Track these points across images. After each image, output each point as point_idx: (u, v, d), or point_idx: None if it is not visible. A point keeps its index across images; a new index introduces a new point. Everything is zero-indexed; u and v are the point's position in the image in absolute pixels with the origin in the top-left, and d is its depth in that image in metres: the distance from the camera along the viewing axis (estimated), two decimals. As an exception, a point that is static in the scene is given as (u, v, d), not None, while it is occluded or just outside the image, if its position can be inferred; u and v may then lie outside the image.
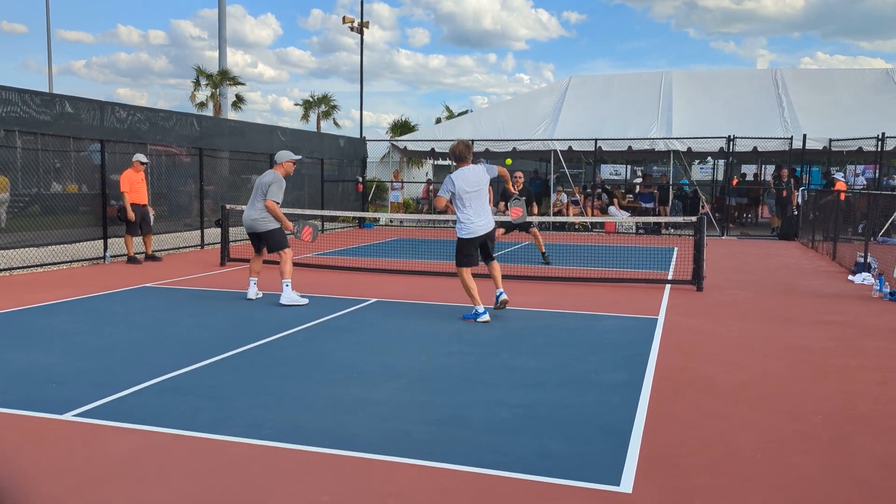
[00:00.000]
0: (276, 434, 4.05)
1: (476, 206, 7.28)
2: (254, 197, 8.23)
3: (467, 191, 7.23)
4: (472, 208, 7.26)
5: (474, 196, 7.26)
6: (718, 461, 3.78)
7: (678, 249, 14.74)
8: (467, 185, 7.24)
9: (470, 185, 7.24)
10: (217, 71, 33.64)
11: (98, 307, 7.96)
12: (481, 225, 7.31)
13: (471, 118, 26.13)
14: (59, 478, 3.47)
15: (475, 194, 7.26)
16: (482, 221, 7.31)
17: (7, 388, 4.84)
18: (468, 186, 7.23)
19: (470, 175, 7.28)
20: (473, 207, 7.26)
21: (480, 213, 7.30)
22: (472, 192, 7.25)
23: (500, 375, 5.35)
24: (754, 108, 21.16)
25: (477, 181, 7.28)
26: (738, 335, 6.95)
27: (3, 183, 11.43)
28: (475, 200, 7.27)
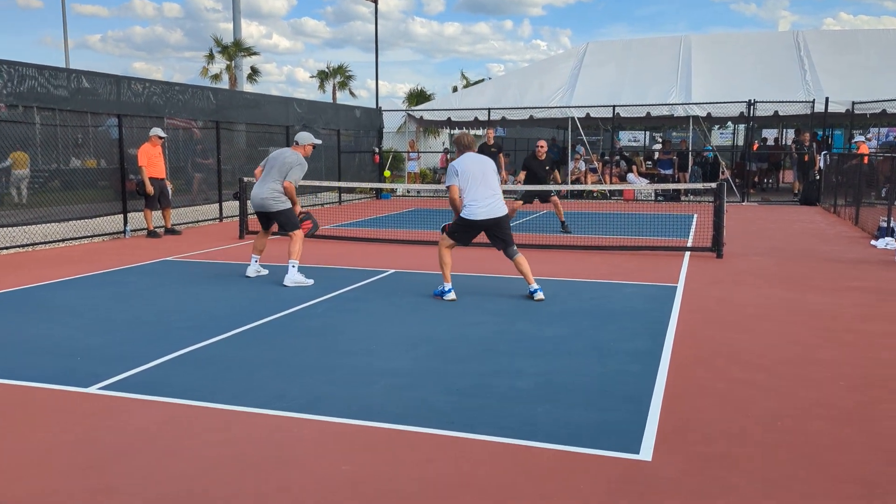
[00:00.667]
0: (297, 405, 4.09)
1: (480, 189, 6.86)
2: (266, 175, 7.83)
3: (472, 172, 6.88)
4: (476, 191, 6.85)
5: (479, 179, 6.88)
6: (739, 428, 3.77)
7: (698, 216, 14.62)
8: (473, 166, 6.91)
9: (476, 167, 6.92)
10: (232, 42, 33.53)
11: (119, 281, 8.05)
12: (484, 210, 6.85)
13: (487, 86, 25.91)
14: (86, 450, 3.54)
15: (480, 176, 6.89)
16: (486, 206, 6.85)
17: (33, 362, 4.92)
18: (474, 168, 6.90)
19: (474, 159, 7.00)
20: (477, 191, 6.85)
21: (484, 197, 6.85)
22: (478, 175, 6.88)
23: (519, 345, 5.36)
24: (775, 72, 20.78)
25: (483, 165, 6.96)
26: (759, 302, 6.90)
27: (23, 159, 11.52)
28: (479, 183, 6.87)
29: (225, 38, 34.81)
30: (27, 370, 4.74)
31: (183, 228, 12.97)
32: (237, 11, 33.74)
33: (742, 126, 24.41)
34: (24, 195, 11.78)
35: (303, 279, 7.77)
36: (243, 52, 34.47)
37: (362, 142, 21.59)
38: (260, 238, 8.25)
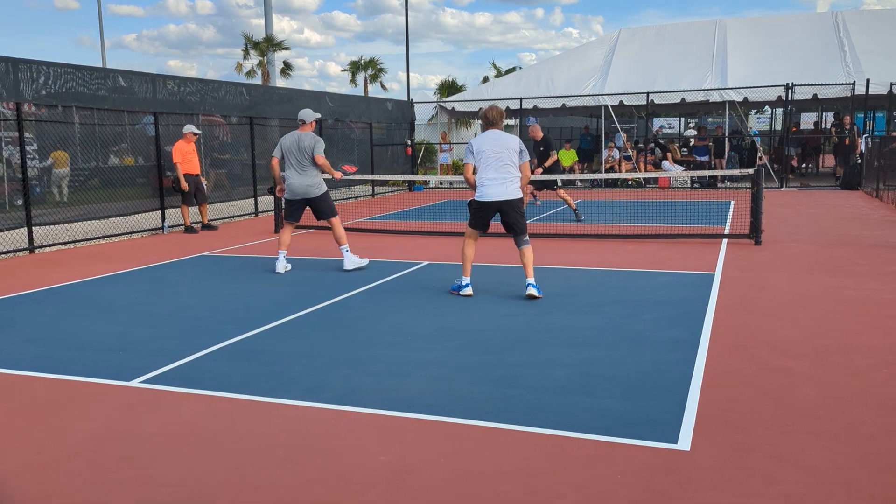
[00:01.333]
0: (334, 397, 4.13)
1: (492, 170, 6.58)
2: (298, 163, 7.96)
3: (485, 152, 6.60)
4: (488, 172, 6.59)
5: (494, 159, 6.58)
6: (779, 417, 3.71)
7: (735, 203, 14.39)
8: (487, 146, 6.60)
9: (490, 146, 6.60)
10: (263, 38, 33.80)
11: (159, 276, 8.19)
12: (495, 190, 6.59)
13: (518, 76, 25.77)
14: (129, 442, 3.61)
15: (495, 157, 6.58)
16: (497, 187, 6.58)
17: (77, 357, 5.03)
18: (487, 148, 6.60)
19: (492, 138, 6.66)
20: (489, 171, 6.58)
21: (496, 179, 6.57)
22: (492, 155, 6.58)
23: (553, 335, 5.34)
24: (814, 54, 20.33)
25: (500, 145, 6.60)
26: (799, 289, 6.78)
27: (63, 158, 11.77)
28: (493, 164, 6.58)
29: (257, 34, 35.22)
30: (71, 364, 4.85)
31: (219, 223, 13.14)
32: (268, 7, 34.00)
33: (780, 110, 23.92)
34: (66, 193, 12.04)
35: (359, 260, 8.09)
36: (275, 48, 34.74)
37: (394, 134, 21.63)
38: (285, 232, 8.33)
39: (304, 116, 8.10)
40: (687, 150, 22.46)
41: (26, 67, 10.13)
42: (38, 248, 10.16)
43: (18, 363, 4.89)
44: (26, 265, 9.06)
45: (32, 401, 4.21)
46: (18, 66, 9.99)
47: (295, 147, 7.97)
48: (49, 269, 8.72)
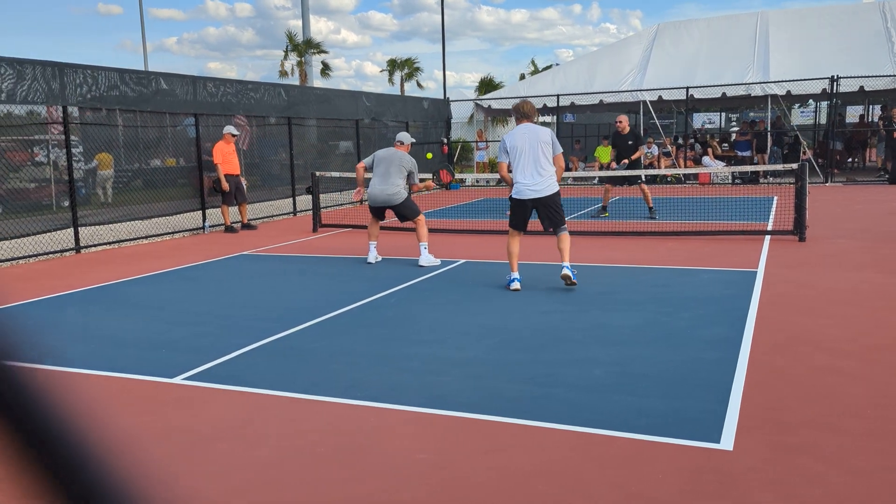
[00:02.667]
0: (372, 394, 4.15)
1: (527, 168, 6.60)
2: (386, 173, 8.46)
3: (518, 147, 6.61)
4: (522, 170, 6.61)
5: (528, 156, 6.59)
6: (826, 417, 3.62)
7: (778, 199, 14.11)
8: (520, 141, 6.62)
9: (523, 141, 6.61)
10: (302, 40, 34.14)
11: (200, 276, 8.32)
12: (529, 189, 6.63)
13: (555, 72, 25.60)
14: (172, 437, 3.67)
15: (529, 153, 6.59)
16: (531, 185, 6.62)
17: (121, 354, 5.14)
18: (521, 143, 6.61)
19: (525, 132, 6.66)
20: (524, 170, 6.60)
21: (531, 177, 6.61)
22: (526, 151, 6.59)
23: (592, 333, 5.29)
24: (860, 45, 19.81)
25: (533, 139, 6.61)
26: (846, 287, 6.61)
27: (107, 160, 12.02)
28: (527, 161, 6.60)
29: (295, 35, 35.48)
30: (116, 361, 4.95)
31: (258, 223, 13.30)
32: (306, 9, 34.33)
33: (824, 104, 23.37)
34: (110, 195, 12.30)
35: (433, 259, 8.44)
36: (314, 50, 35.07)
37: (431, 133, 21.66)
38: (373, 225, 8.80)
39: (403, 139, 8.84)
40: (728, 146, 22.08)
41: (71, 72, 10.36)
42: (83, 248, 10.40)
43: (66, 361, 5.01)
44: (73, 265, 9.28)
45: (79, 398, 4.30)
46: (64, 71, 10.23)
47: (391, 160, 8.55)
48: (94, 268, 8.92)
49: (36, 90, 9.77)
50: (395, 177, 8.47)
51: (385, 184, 8.48)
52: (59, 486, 0.48)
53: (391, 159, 8.55)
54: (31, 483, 0.47)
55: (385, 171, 8.50)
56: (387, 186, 8.47)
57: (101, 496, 0.49)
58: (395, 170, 8.49)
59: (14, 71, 9.43)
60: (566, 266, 6.72)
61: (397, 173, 8.49)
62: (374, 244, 8.73)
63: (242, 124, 13.80)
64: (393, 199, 8.48)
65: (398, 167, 8.50)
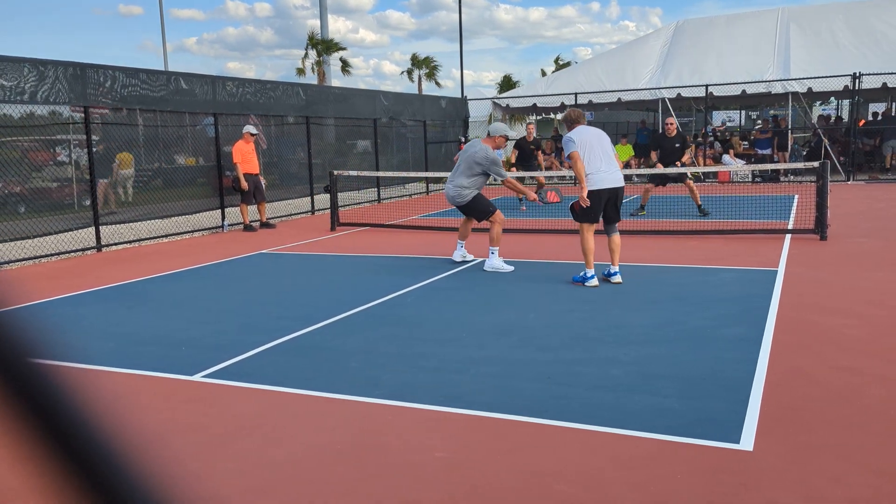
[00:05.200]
0: (390, 392, 4.15)
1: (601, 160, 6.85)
2: (457, 168, 8.03)
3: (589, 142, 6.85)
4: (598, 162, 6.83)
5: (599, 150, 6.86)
6: (848, 417, 3.58)
7: (799, 197, 13.96)
8: (587, 136, 6.89)
9: (589, 136, 6.90)
10: (320, 40, 34.27)
11: (220, 274, 8.37)
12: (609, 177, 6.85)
13: (573, 70, 25.51)
14: (192, 435, 3.70)
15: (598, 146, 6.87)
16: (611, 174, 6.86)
17: (142, 351, 5.18)
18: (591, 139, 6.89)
19: (589, 131, 7.00)
20: (600, 162, 6.84)
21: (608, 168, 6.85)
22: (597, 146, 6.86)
23: (611, 332, 5.27)
24: (883, 41, 19.55)
25: (598, 136, 6.96)
26: (868, 286, 6.53)
27: (128, 159, 12.13)
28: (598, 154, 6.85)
29: (316, 34, 35.61)
30: (137, 359, 4.99)
31: (277, 222, 13.37)
32: (324, 8, 34.43)
33: (846, 101, 23.11)
34: (130, 194, 12.41)
35: (502, 265, 7.87)
36: (333, 49, 35.22)
37: (448, 132, 21.66)
38: (463, 225, 8.43)
39: (492, 129, 8.13)
40: (748, 144, 21.88)
41: (93, 72, 10.47)
42: (104, 247, 10.50)
43: (88, 358, 5.06)
44: (94, 263, 9.38)
45: (100, 395, 4.35)
46: (86, 71, 10.33)
47: (464, 154, 8.02)
48: (115, 266, 9.00)
49: (58, 90, 9.88)
50: (463, 175, 7.89)
51: (452, 180, 8.01)
52: (85, 483, 0.49)
53: (466, 153, 7.96)
54: (56, 479, 0.48)
55: (457, 166, 8.02)
56: (450, 186, 8.03)
57: (126, 493, 0.49)
58: (463, 167, 7.91)
59: (36, 71, 9.54)
60: (617, 273, 6.98)
61: (467, 170, 7.87)
62: (461, 243, 8.29)
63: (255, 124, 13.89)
64: (457, 200, 8.00)
65: (469, 163, 7.86)
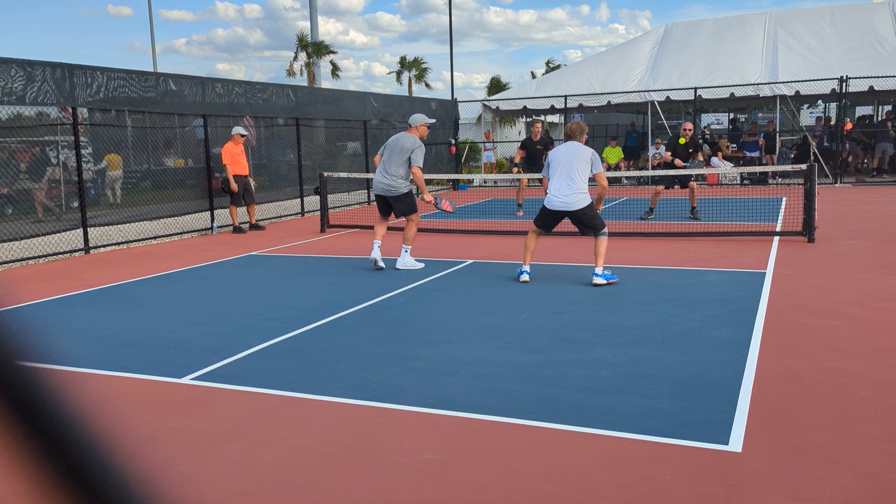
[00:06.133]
0: (379, 395, 4.15)
1: (557, 179, 7.01)
2: (387, 160, 8.02)
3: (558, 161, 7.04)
4: (554, 180, 7.03)
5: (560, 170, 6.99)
6: (835, 419, 3.60)
7: (787, 199, 14.05)
8: (559, 156, 7.08)
9: (561, 156, 7.05)
10: (310, 42, 34.23)
11: (209, 276, 8.34)
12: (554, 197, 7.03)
13: (563, 73, 25.57)
14: (180, 437, 3.68)
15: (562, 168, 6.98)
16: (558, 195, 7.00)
17: (130, 354, 5.16)
18: (559, 157, 7.06)
19: (565, 150, 7.10)
20: (554, 180, 7.03)
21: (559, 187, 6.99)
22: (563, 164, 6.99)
23: (599, 334, 5.28)
24: (869, 45, 19.72)
25: (568, 157, 7.00)
26: (855, 288, 6.58)
27: (116, 161, 12.08)
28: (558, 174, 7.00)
29: (306, 36, 35.57)
30: (125, 361, 4.97)
31: (266, 224, 13.33)
32: (314, 10, 34.38)
33: (833, 104, 23.27)
34: (119, 195, 12.35)
35: (414, 263, 8.06)
36: (323, 51, 35.18)
37: (438, 134, 21.67)
38: (380, 225, 8.39)
39: (412, 120, 8.19)
40: (737, 146, 21.99)
41: (81, 73, 10.41)
42: (93, 249, 10.44)
43: (75, 361, 5.03)
44: (82, 265, 9.33)
45: (88, 398, 4.32)
46: (74, 72, 10.28)
47: (395, 146, 8.04)
48: (103, 268, 8.95)
49: (45, 91, 9.83)
50: (395, 165, 7.95)
51: (385, 173, 8.03)
52: (74, 487, 0.48)
53: (394, 146, 8.03)
54: (43, 482, 0.48)
55: (388, 159, 8.04)
56: (385, 176, 8.03)
57: (115, 496, 0.49)
58: (396, 157, 7.95)
59: (24, 72, 9.48)
60: (600, 276, 6.94)
61: (399, 161, 7.93)
62: (377, 243, 8.31)
63: (249, 125, 13.85)
64: (390, 191, 8.03)
65: (399, 153, 7.93)
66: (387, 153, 8.09)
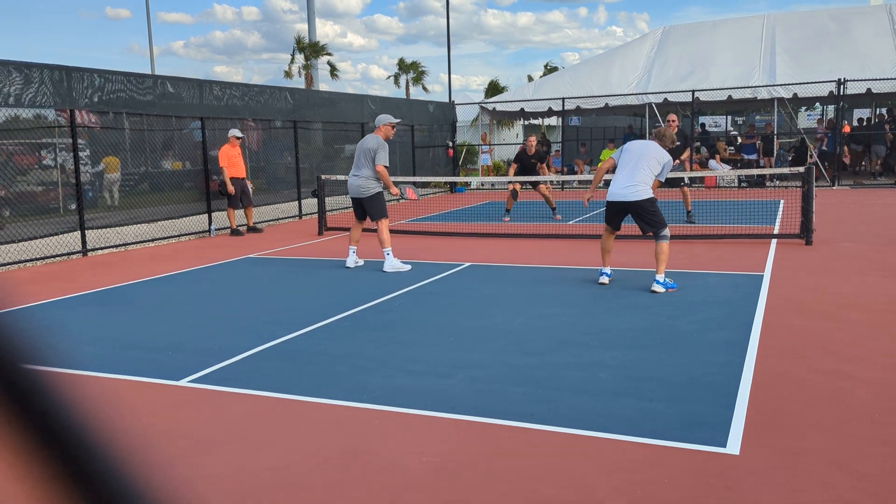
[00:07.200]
0: (377, 397, 4.14)
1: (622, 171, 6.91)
2: (356, 163, 8.20)
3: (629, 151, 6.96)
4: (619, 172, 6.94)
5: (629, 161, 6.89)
6: (833, 422, 3.60)
7: (785, 202, 14.07)
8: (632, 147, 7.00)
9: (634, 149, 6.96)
10: (308, 43, 34.24)
11: (206, 278, 8.33)
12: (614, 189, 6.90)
13: (561, 75, 25.59)
14: (177, 440, 3.68)
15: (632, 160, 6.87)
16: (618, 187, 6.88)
17: (128, 356, 5.15)
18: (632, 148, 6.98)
19: (642, 144, 7.05)
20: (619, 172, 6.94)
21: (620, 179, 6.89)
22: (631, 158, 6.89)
23: (597, 336, 5.28)
24: (867, 48, 19.76)
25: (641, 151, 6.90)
26: (853, 290, 6.59)
27: (114, 163, 12.07)
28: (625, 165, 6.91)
29: (303, 38, 35.58)
30: (123, 364, 4.96)
31: (264, 226, 13.32)
32: (311, 12, 34.39)
33: (831, 107, 23.32)
34: (116, 198, 12.34)
35: (400, 265, 8.13)
36: (320, 53, 35.19)
37: (436, 136, 21.68)
38: (355, 229, 8.52)
39: (377, 121, 8.35)
40: (734, 149, 22.03)
41: (79, 76, 10.40)
42: (90, 251, 10.43)
43: (73, 363, 5.02)
44: (80, 267, 9.31)
45: (87, 400, 4.31)
46: (72, 75, 10.27)
47: (361, 148, 8.19)
48: (101, 271, 8.94)
49: (43, 94, 9.82)
50: (363, 166, 8.08)
51: (355, 175, 8.17)
52: (74, 487, 0.48)
53: (360, 147, 8.19)
54: (45, 483, 0.48)
55: (356, 160, 8.20)
56: (355, 178, 8.16)
57: (115, 497, 0.49)
58: (363, 160, 8.07)
59: (21, 75, 9.47)
60: (656, 281, 6.76)
61: (365, 162, 8.06)
62: (353, 249, 8.44)
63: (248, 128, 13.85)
64: (360, 192, 8.14)
65: (365, 154, 8.05)
66: (356, 156, 8.28)
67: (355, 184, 8.20)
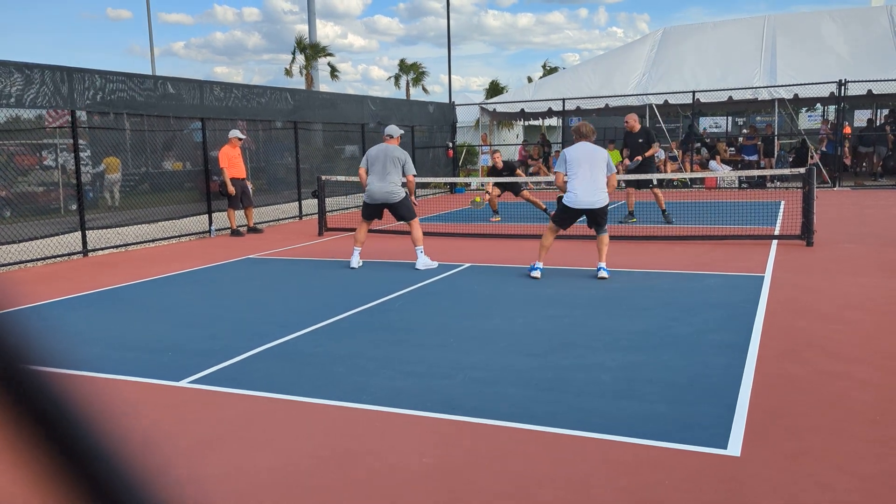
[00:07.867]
0: (376, 398, 4.14)
1: (582, 180, 7.32)
2: (383, 171, 8.44)
3: (578, 160, 7.32)
4: (579, 179, 7.32)
5: (583, 170, 7.30)
6: (833, 423, 3.60)
7: (785, 203, 14.06)
8: (579, 155, 7.36)
9: (582, 156, 7.35)
10: (308, 44, 34.26)
11: (207, 279, 8.33)
12: (582, 197, 7.32)
13: (561, 76, 25.60)
14: (177, 440, 3.67)
15: (585, 169, 7.30)
16: (586, 196, 7.31)
17: (128, 357, 5.14)
18: (580, 156, 7.35)
19: (583, 149, 7.43)
20: (579, 178, 7.32)
21: (586, 188, 7.30)
22: (584, 164, 7.30)
23: (598, 338, 5.27)
24: (868, 48, 19.76)
25: (589, 158, 7.35)
26: (854, 291, 6.58)
27: (115, 164, 12.06)
28: (581, 174, 7.31)
29: (304, 39, 35.60)
30: (122, 364, 4.95)
31: (264, 227, 13.32)
32: (312, 13, 34.39)
33: (832, 108, 23.32)
34: (117, 198, 12.33)
35: (430, 262, 8.46)
36: (321, 54, 35.21)
37: (436, 137, 21.67)
38: (361, 230, 8.76)
39: (392, 132, 8.77)
40: (735, 150, 22.02)
41: (80, 76, 10.40)
42: (91, 252, 10.42)
43: (74, 364, 5.01)
44: (80, 268, 9.31)
45: (88, 401, 4.31)
46: (73, 75, 10.26)
47: (386, 156, 8.49)
48: (102, 271, 8.94)
49: (44, 94, 9.81)
50: (392, 174, 8.44)
51: (383, 181, 8.44)
52: (75, 487, 0.48)
53: (385, 155, 8.48)
54: (46, 483, 0.47)
55: (382, 169, 8.45)
56: (384, 185, 8.43)
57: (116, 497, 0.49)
58: (391, 166, 8.45)
59: (23, 75, 9.47)
60: (601, 268, 7.42)
61: (394, 169, 8.45)
62: (357, 249, 8.64)
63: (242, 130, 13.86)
64: (391, 198, 8.45)
65: (393, 162, 8.44)
66: (379, 164, 8.49)
67: (384, 189, 8.44)
